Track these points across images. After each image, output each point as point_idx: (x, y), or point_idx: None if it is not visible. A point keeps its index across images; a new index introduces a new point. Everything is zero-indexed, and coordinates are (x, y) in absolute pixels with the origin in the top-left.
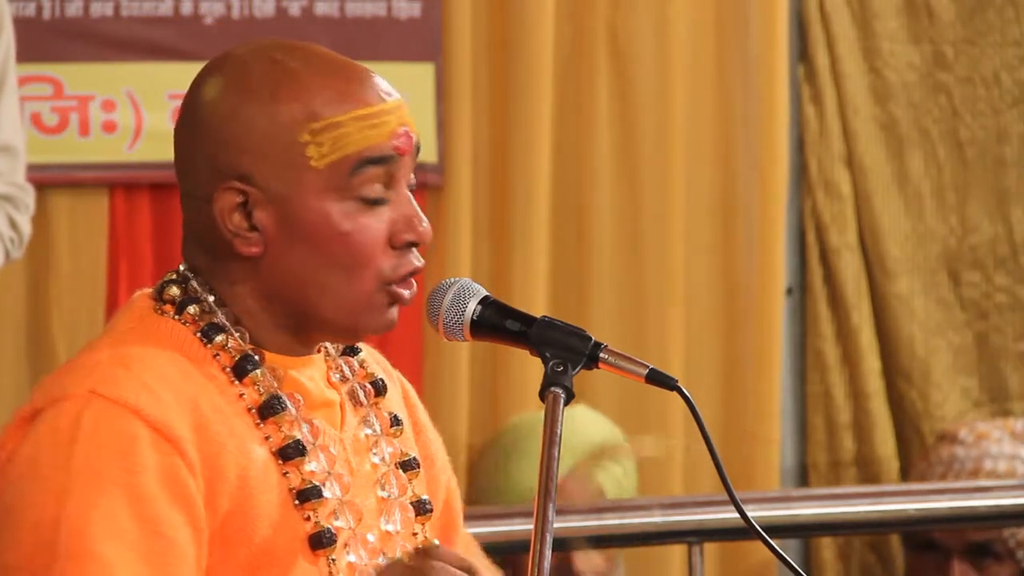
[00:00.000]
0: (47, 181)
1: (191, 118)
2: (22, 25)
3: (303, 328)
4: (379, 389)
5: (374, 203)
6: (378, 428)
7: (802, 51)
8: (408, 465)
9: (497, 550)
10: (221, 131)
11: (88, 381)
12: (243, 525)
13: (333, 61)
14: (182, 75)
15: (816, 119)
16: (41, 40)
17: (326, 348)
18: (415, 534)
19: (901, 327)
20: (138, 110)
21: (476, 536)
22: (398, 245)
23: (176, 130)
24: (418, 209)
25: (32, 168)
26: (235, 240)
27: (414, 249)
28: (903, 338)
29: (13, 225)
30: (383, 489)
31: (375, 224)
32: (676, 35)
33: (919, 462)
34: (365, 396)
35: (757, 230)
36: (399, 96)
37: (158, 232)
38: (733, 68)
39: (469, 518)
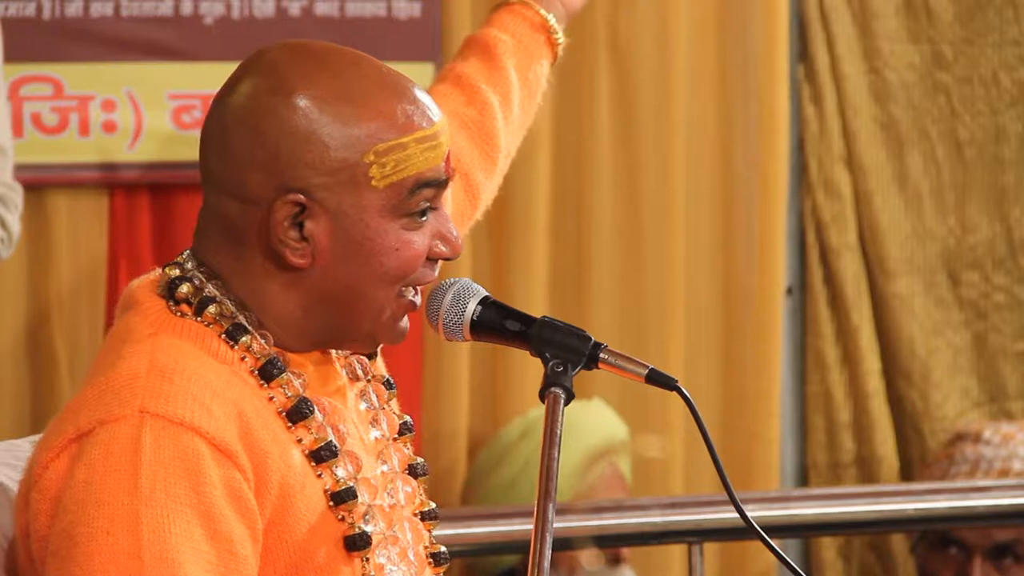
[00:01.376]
0: (47, 181)
1: (242, 121)
2: (22, 25)
3: (331, 339)
4: (371, 357)
5: (422, 218)
6: (376, 401)
7: (802, 51)
8: (403, 429)
9: (497, 550)
10: (285, 144)
11: (135, 399)
12: (282, 533)
13: (390, 78)
14: (182, 75)
15: (816, 119)
16: (41, 40)
17: None
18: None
19: (901, 327)
20: (138, 110)
21: (476, 536)
22: (432, 258)
23: (217, 130)
24: (452, 224)
25: (32, 168)
26: (285, 250)
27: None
28: (903, 338)
29: (3, 224)
30: (384, 463)
31: (420, 240)
32: (676, 35)
33: (938, 460)
34: (363, 371)
35: (757, 230)
36: (440, 111)
37: (158, 232)
38: (733, 68)
39: (470, 518)
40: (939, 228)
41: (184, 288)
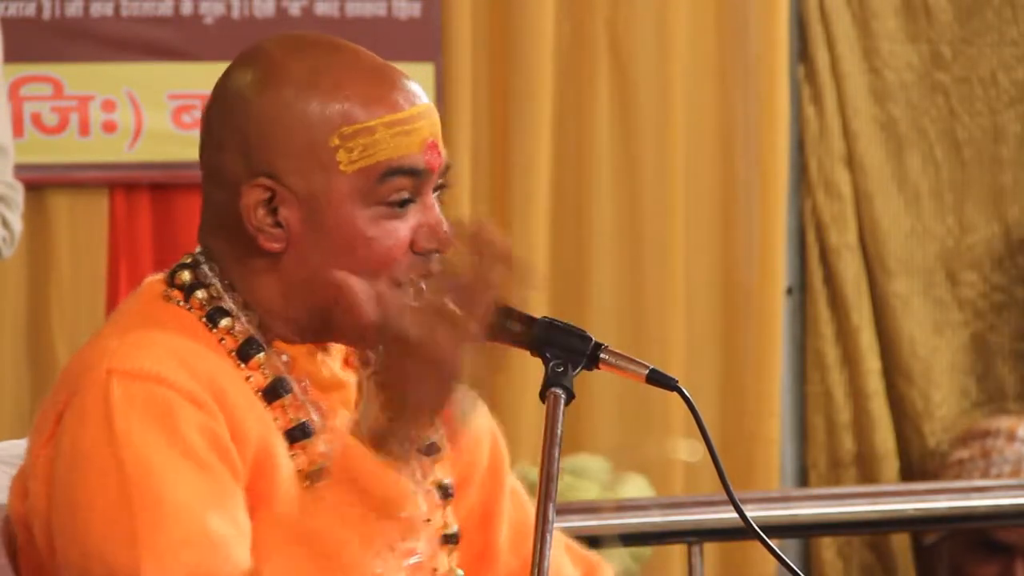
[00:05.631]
0: (47, 181)
1: (222, 108)
2: (22, 25)
3: (321, 329)
4: None
5: (400, 208)
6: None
7: (802, 51)
8: (429, 451)
9: None
10: (252, 126)
11: (103, 365)
12: (266, 491)
13: (367, 63)
14: (182, 75)
15: (816, 119)
16: (41, 40)
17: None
18: (435, 569)
19: (901, 327)
20: (138, 110)
21: None
22: (419, 252)
23: (205, 117)
24: (442, 216)
25: (32, 168)
26: (258, 235)
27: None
28: (903, 338)
29: (5, 223)
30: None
31: (400, 229)
32: (676, 35)
33: (972, 459)
34: None
35: (757, 230)
36: (428, 100)
37: (158, 232)
38: (733, 68)
39: None
40: (938, 228)
41: (184, 275)
